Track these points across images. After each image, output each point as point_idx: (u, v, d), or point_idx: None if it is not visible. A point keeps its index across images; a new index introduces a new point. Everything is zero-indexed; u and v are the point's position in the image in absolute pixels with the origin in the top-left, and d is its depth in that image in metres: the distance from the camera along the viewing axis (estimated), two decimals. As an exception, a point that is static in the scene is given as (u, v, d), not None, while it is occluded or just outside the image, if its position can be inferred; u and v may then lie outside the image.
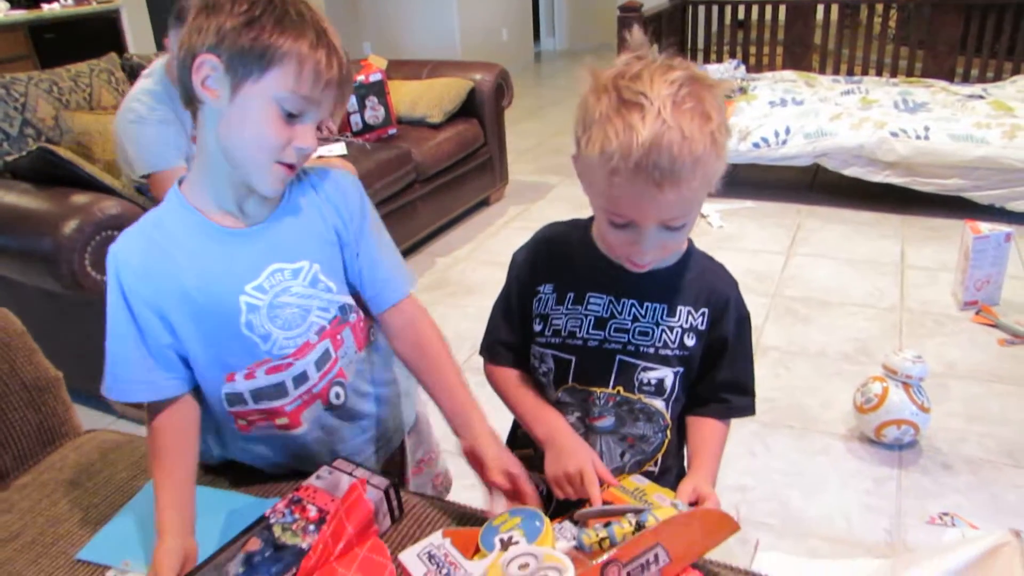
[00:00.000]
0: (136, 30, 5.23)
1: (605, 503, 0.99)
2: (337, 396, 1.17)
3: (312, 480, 1.11)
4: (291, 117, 0.98)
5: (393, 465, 1.35)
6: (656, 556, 0.87)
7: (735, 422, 1.16)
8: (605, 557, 0.83)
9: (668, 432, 1.12)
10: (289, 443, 1.17)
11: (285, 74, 0.96)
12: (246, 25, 0.94)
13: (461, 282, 3.25)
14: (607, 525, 0.92)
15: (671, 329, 1.06)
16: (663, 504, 0.97)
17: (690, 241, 1.10)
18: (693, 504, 0.98)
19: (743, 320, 1.11)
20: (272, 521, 1.04)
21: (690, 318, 1.06)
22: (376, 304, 1.18)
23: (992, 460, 2.08)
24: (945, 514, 1.90)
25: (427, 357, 1.17)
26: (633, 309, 1.06)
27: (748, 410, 1.14)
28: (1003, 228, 2.77)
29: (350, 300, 1.16)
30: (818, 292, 3.04)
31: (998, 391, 2.37)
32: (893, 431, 2.08)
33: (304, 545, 1.00)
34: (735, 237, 3.59)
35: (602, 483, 1.02)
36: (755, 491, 2.01)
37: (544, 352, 1.12)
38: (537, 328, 1.12)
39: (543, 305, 1.11)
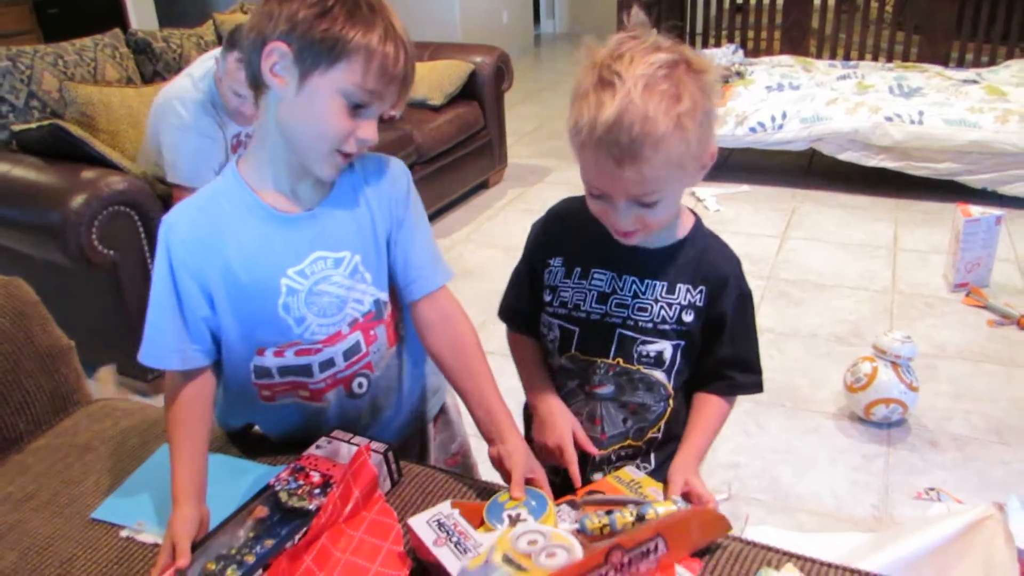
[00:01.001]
0: (139, 7, 5.23)
1: (598, 492, 1.06)
2: (360, 386, 1.20)
3: (312, 450, 1.15)
4: (356, 109, 1.00)
5: (408, 447, 1.37)
6: (656, 546, 0.91)
7: None
8: (612, 541, 0.87)
9: (671, 401, 1.15)
10: (311, 413, 1.21)
11: (353, 68, 0.97)
12: (318, 16, 0.96)
13: (459, 264, 3.28)
14: (609, 513, 0.96)
15: (670, 306, 1.09)
16: (658, 497, 1.03)
17: (697, 219, 1.13)
18: (685, 496, 1.04)
19: (743, 297, 1.12)
20: (277, 488, 1.08)
21: (688, 295, 1.09)
22: (409, 292, 1.18)
23: (978, 437, 2.13)
24: (931, 489, 1.95)
25: (461, 357, 1.17)
26: (634, 286, 1.10)
27: (753, 387, 1.17)
28: (994, 211, 2.81)
29: (385, 295, 1.18)
30: (812, 275, 3.08)
31: (986, 370, 2.42)
32: (882, 409, 2.13)
33: (312, 507, 1.04)
34: (731, 221, 3.63)
35: (587, 457, 1.09)
36: (747, 468, 2.06)
37: (552, 321, 1.16)
38: (547, 299, 1.16)
39: (553, 277, 1.16)
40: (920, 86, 3.93)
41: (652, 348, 1.11)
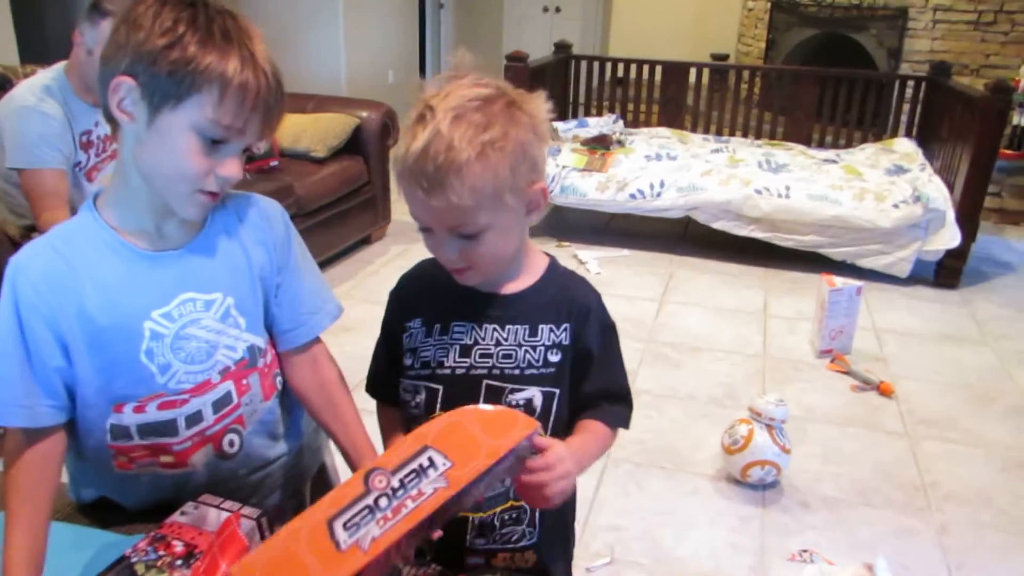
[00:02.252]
0: (-3, 43, 4.92)
1: None
2: (231, 444, 1.11)
3: (176, 516, 1.04)
4: (213, 145, 0.94)
5: (285, 512, 1.28)
6: (431, 460, 0.81)
7: (611, 462, 1.16)
8: (368, 465, 0.79)
9: None
10: (173, 482, 1.10)
11: (205, 102, 0.92)
12: (166, 47, 0.90)
13: (340, 320, 3.17)
14: None
15: (533, 348, 1.06)
16: None
17: (552, 260, 1.12)
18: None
19: (607, 329, 1.10)
20: (133, 560, 0.97)
21: (552, 334, 1.06)
22: (294, 337, 1.14)
23: (846, 499, 2.20)
24: (804, 551, 1.99)
25: (326, 395, 1.17)
26: (495, 333, 1.06)
27: (625, 419, 1.12)
28: (855, 282, 2.98)
29: (261, 342, 1.12)
30: (689, 338, 3.16)
31: (851, 433, 2.53)
32: (757, 471, 2.18)
33: (171, 582, 0.94)
34: (612, 283, 3.70)
35: None
36: (628, 531, 2.05)
37: (416, 384, 1.11)
38: (407, 362, 1.11)
39: (413, 339, 1.11)
40: (786, 162, 4.18)
41: (521, 396, 1.06)
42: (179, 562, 0.97)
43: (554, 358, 1.06)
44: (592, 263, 3.89)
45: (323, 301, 1.18)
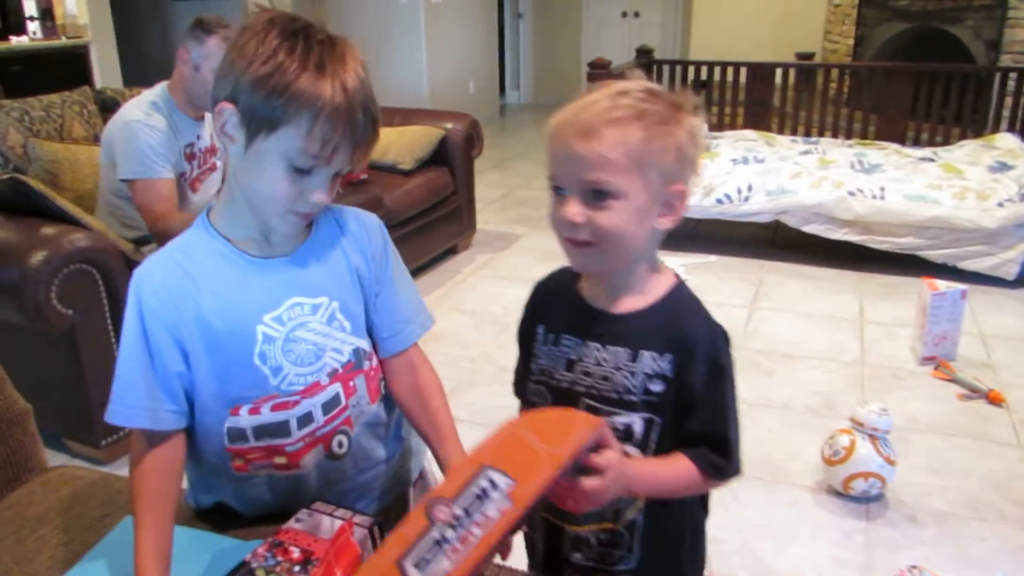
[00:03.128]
0: (105, 66, 5.20)
1: None
2: (340, 445, 1.15)
3: (292, 523, 1.07)
4: (301, 172, 0.99)
5: (391, 516, 1.32)
6: (492, 481, 0.79)
7: None
8: (425, 496, 0.77)
9: None
10: (287, 484, 1.14)
11: (294, 134, 0.96)
12: (264, 77, 0.94)
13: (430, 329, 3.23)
14: None
15: (633, 374, 1.02)
16: None
17: (678, 283, 1.09)
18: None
19: (716, 371, 1.03)
20: (254, 566, 1.01)
21: (653, 363, 1.02)
22: (392, 345, 1.19)
23: (956, 513, 2.11)
24: (914, 567, 1.91)
25: (421, 399, 1.20)
26: (596, 352, 1.05)
27: (721, 471, 1.03)
28: (959, 286, 2.86)
29: (366, 345, 1.16)
30: (782, 345, 3.09)
31: (958, 444, 2.42)
32: (860, 483, 2.11)
33: (291, 587, 0.97)
34: (700, 290, 3.58)
35: None
36: (727, 544, 2.01)
37: (537, 388, 1.12)
38: (532, 366, 1.12)
39: (537, 344, 1.12)
40: (880, 162, 4.05)
41: (619, 420, 1.04)
42: (297, 568, 1.00)
43: (656, 387, 1.02)
44: (679, 270, 3.81)
45: (417, 311, 1.22)
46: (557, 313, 1.11)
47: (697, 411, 1.03)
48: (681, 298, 1.07)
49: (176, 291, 1.03)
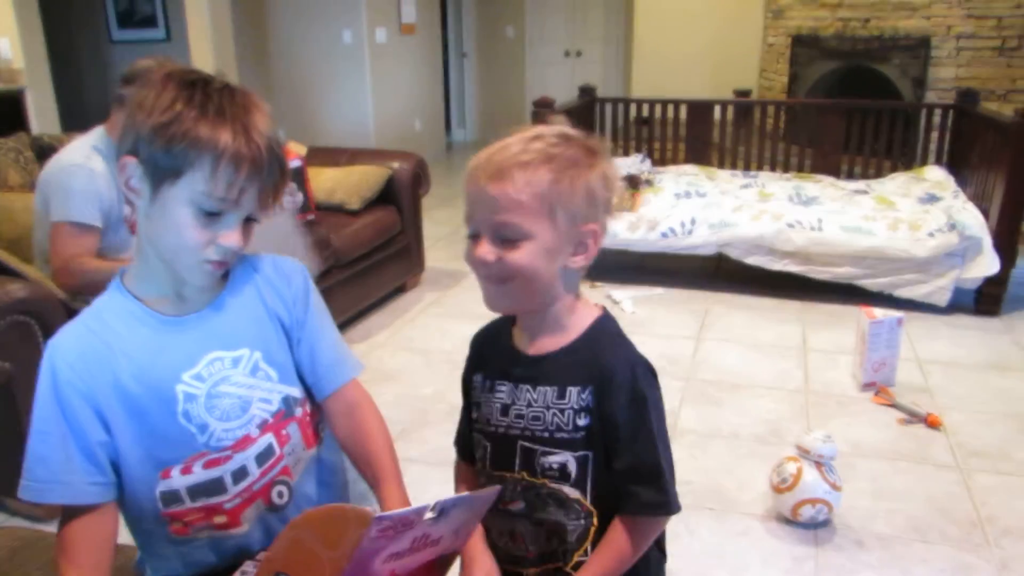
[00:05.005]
0: (41, 112, 5.09)
1: None
2: (280, 495, 1.13)
3: (236, 576, 1.06)
4: (210, 216, 0.98)
5: None
6: None
7: None
8: None
9: (594, 520, 1.08)
10: (231, 544, 1.12)
11: (198, 177, 0.96)
12: (163, 125, 0.94)
13: (379, 368, 3.21)
14: None
15: (562, 411, 1.05)
16: None
17: (600, 317, 1.11)
18: None
19: (637, 400, 1.04)
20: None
21: (578, 397, 1.05)
22: (319, 390, 1.17)
23: (900, 536, 2.16)
24: (861, 590, 1.95)
25: (362, 444, 1.17)
26: (527, 394, 1.08)
27: (657, 507, 1.05)
28: (895, 313, 2.95)
29: (295, 391, 1.14)
30: (728, 375, 3.14)
31: (901, 468, 2.49)
32: (808, 510, 2.15)
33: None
34: (647, 322, 3.69)
35: None
36: (681, 574, 2.02)
37: (477, 437, 1.15)
38: (473, 415, 1.15)
39: (476, 393, 1.15)
40: (816, 195, 4.17)
41: (554, 460, 1.06)
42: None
43: (582, 422, 1.05)
44: (626, 302, 3.89)
45: (343, 355, 1.19)
46: (492, 361, 1.14)
47: (623, 444, 1.04)
48: (602, 332, 1.09)
49: (91, 358, 1.01)
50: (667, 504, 1.06)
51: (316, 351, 1.16)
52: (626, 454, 1.04)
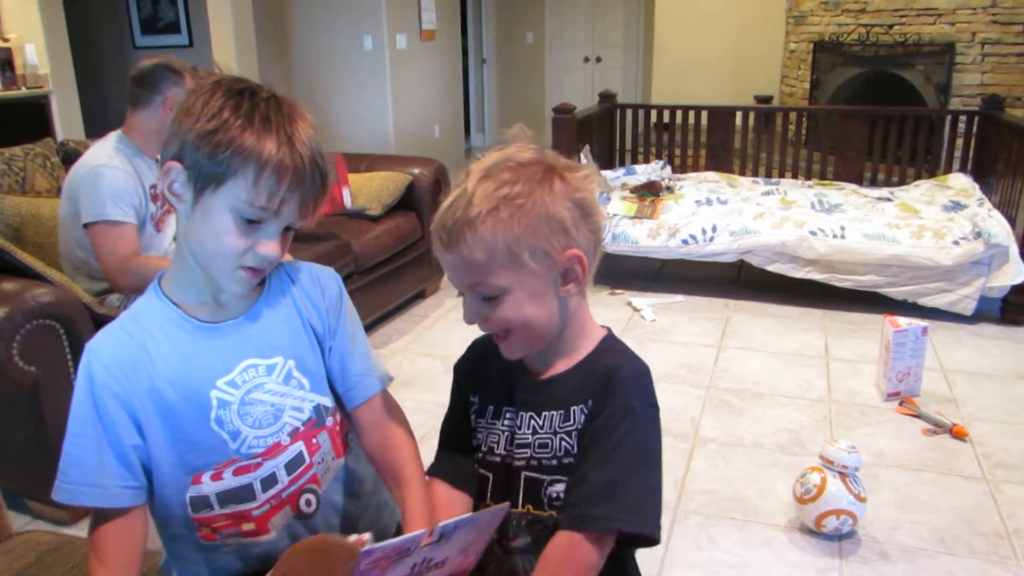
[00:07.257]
0: (66, 117, 5.16)
1: None
2: (308, 503, 1.14)
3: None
4: (250, 225, 0.99)
5: None
6: None
7: (679, 514, 1.03)
8: None
9: None
10: (257, 552, 1.12)
11: (241, 185, 0.96)
12: (209, 133, 0.95)
13: (399, 374, 3.22)
14: None
15: (569, 435, 1.01)
16: None
17: (606, 337, 1.07)
18: None
19: (627, 413, 0.97)
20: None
21: (580, 414, 1.01)
22: (349, 400, 1.17)
23: (926, 548, 2.13)
24: (887, 603, 1.93)
25: (388, 457, 1.16)
26: (532, 421, 1.04)
27: (608, 522, 0.93)
28: (920, 322, 2.92)
29: (327, 401, 1.15)
30: (750, 384, 3.12)
31: (926, 479, 2.45)
32: (832, 521, 2.12)
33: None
34: (667, 330, 3.68)
35: None
36: (702, 584, 2.01)
37: (477, 468, 1.11)
38: (474, 442, 1.11)
39: (474, 418, 1.11)
40: (839, 202, 4.14)
41: (561, 489, 1.01)
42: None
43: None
44: (646, 310, 3.88)
45: (373, 365, 1.19)
46: (493, 383, 1.10)
47: (589, 457, 0.97)
48: (608, 348, 1.06)
49: (127, 362, 1.02)
50: (624, 522, 0.95)
51: (347, 361, 1.16)
52: (589, 460, 0.97)
